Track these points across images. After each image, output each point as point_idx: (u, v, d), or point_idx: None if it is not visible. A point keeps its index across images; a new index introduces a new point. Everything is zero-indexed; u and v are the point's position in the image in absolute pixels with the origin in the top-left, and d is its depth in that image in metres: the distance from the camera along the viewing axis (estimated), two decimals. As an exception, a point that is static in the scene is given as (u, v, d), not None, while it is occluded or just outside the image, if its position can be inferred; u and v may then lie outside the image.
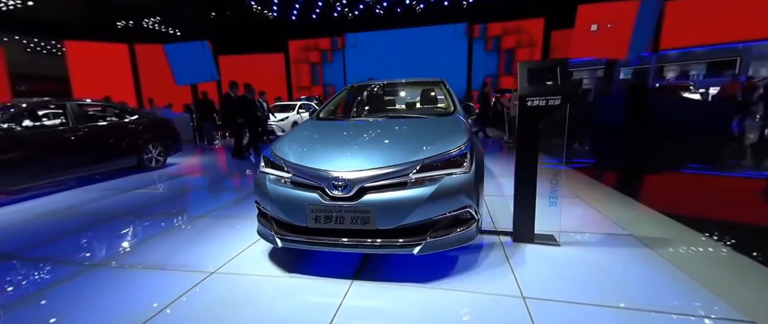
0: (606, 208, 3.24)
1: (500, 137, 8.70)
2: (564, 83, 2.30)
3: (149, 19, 18.89)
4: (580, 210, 3.25)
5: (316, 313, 1.78)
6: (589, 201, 3.49)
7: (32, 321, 1.81)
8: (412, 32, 20.52)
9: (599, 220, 2.96)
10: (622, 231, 2.70)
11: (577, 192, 3.81)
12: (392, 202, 1.91)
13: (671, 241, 2.50)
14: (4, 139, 4.16)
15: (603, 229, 2.76)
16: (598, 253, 2.35)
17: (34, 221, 3.52)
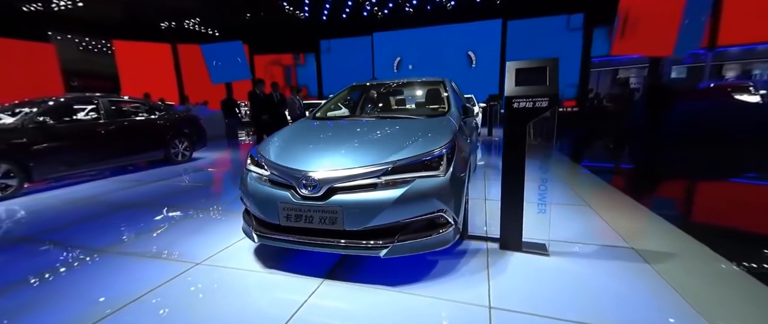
0: (613, 218, 3.03)
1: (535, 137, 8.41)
2: (551, 85, 2.17)
3: (190, 20, 19.98)
4: (584, 218, 3.06)
5: (277, 309, 1.81)
6: (598, 209, 3.28)
7: (28, 299, 1.98)
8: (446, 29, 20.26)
9: (602, 231, 2.77)
10: (624, 244, 2.51)
11: (587, 198, 3.59)
12: (359, 204, 1.90)
13: (677, 257, 2.30)
14: (42, 131, 4.58)
15: (603, 240, 2.59)
16: (590, 266, 2.20)
17: (61, 207, 3.86)
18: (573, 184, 4.20)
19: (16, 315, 1.83)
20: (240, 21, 19.63)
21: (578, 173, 5.05)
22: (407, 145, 2.13)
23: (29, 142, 4.44)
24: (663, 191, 4.36)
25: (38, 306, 1.90)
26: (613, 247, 2.46)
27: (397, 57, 20.47)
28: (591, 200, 3.55)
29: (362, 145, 2.24)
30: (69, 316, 1.79)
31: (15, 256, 2.61)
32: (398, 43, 20.40)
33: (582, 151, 7.56)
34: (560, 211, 3.26)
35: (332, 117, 3.26)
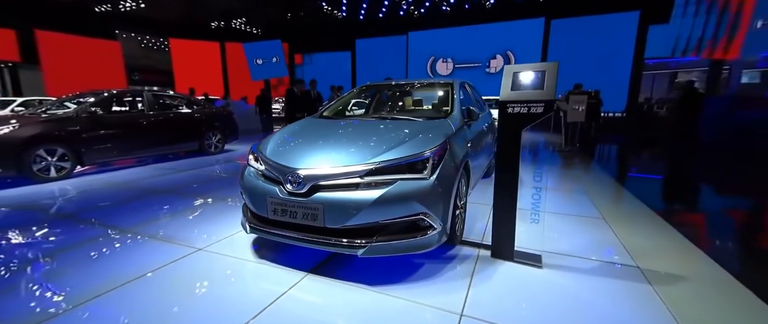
0: (627, 233, 2.82)
1: (559, 144, 7.98)
2: (548, 90, 2.07)
3: (237, 19, 21.14)
4: (593, 231, 2.88)
5: (257, 297, 1.90)
6: (612, 222, 3.07)
7: (50, 269, 2.25)
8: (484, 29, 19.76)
9: (610, 246, 2.59)
10: (630, 262, 2.34)
11: (604, 210, 3.37)
12: (339, 202, 1.95)
13: (688, 282, 2.10)
14: (92, 120, 5.10)
15: (607, 256, 2.42)
16: (583, 282, 2.08)
17: (102, 189, 4.29)
18: (594, 195, 3.95)
19: (30, 283, 2.08)
20: (282, 21, 20.44)
21: (604, 183, 4.73)
22: (394, 147, 2.14)
23: (81, 130, 4.98)
24: (693, 208, 3.97)
25: (54, 276, 2.15)
26: (616, 265, 2.30)
27: (431, 56, 20.27)
28: (608, 212, 3.33)
29: (350, 144, 2.28)
30: (80, 287, 2.01)
31: (56, 230, 2.95)
32: (433, 43, 20.19)
33: (618, 161, 7.06)
34: (569, 222, 3.09)
35: (337, 116, 3.32)
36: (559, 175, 5.14)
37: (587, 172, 5.42)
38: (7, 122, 4.46)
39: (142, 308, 1.82)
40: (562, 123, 7.74)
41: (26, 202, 3.77)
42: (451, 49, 20.10)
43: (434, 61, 20.60)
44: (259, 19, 20.70)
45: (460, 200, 2.53)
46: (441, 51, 20.35)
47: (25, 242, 2.71)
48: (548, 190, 4.23)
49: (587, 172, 5.49)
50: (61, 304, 1.85)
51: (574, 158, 6.63)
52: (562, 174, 5.22)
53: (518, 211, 2.28)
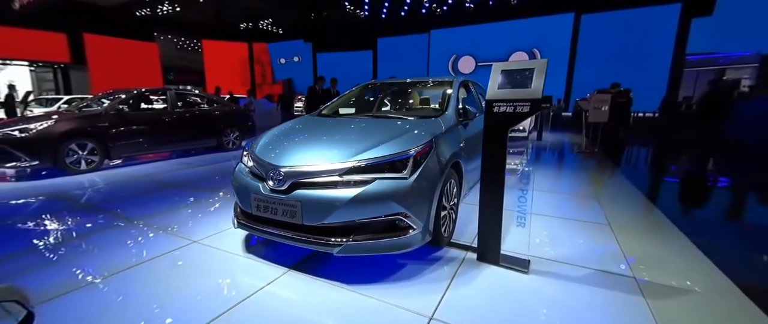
0: (632, 242, 2.66)
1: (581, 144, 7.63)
2: (535, 88, 1.99)
3: (264, 20, 21.79)
4: (595, 238, 2.74)
5: (236, 290, 1.97)
6: (618, 229, 2.90)
7: (56, 255, 2.43)
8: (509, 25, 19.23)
9: (609, 254, 2.46)
10: (626, 272, 2.20)
11: (612, 216, 3.19)
12: (316, 200, 1.97)
13: (686, 295, 1.96)
14: (119, 117, 5.44)
15: (603, 264, 2.30)
16: (570, 290, 1.99)
17: (123, 181, 4.57)
18: (605, 200, 3.75)
19: (33, 269, 2.26)
20: (306, 21, 20.85)
21: (620, 188, 4.48)
22: (376, 146, 2.13)
23: (109, 126, 5.32)
24: (710, 218, 3.67)
25: (60, 261, 2.32)
26: (611, 274, 2.18)
27: (453, 55, 19.95)
28: (616, 219, 3.15)
29: (335, 143, 2.29)
30: (78, 273, 2.16)
31: (74, 218, 3.18)
32: (455, 41, 19.87)
33: (641, 164, 6.65)
34: (570, 227, 2.96)
35: (335, 114, 3.35)
36: (572, 178, 4.93)
37: (604, 176, 5.15)
38: (44, 119, 4.85)
39: (133, 294, 1.93)
40: (582, 123, 7.40)
41: (58, 192, 4.08)
42: (474, 47, 19.71)
43: (456, 60, 20.28)
44: (285, 19, 21.24)
45: (449, 201, 2.48)
46: (463, 49, 19.99)
47: (47, 228, 2.94)
48: (556, 193, 4.07)
49: (605, 175, 5.22)
50: (67, 284, 1.99)
51: (593, 160, 6.32)
52: (576, 177, 5.00)
53: (514, 214, 2.21)
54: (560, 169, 5.67)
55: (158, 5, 19.33)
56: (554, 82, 18.74)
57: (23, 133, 4.54)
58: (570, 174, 5.24)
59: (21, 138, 4.52)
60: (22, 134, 4.53)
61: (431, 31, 20.59)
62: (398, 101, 3.81)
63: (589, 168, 5.66)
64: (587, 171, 5.40)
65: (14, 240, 2.72)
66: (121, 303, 1.86)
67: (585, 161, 6.24)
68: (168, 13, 20.34)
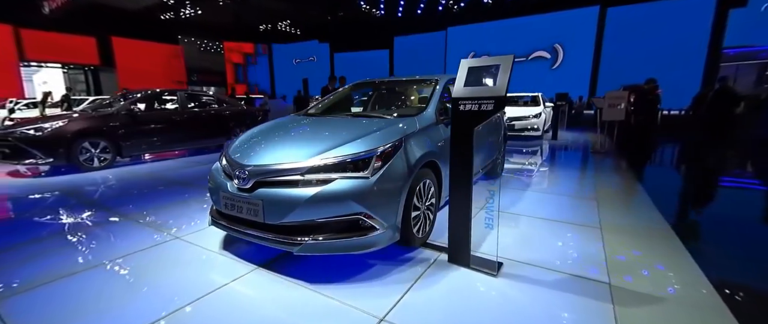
0: (620, 247, 2.52)
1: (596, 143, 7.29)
2: (499, 86, 1.92)
3: (282, 21, 22.20)
4: (581, 241, 2.61)
5: (200, 285, 2.00)
6: (608, 234, 2.76)
7: (48, 246, 2.56)
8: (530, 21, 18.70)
9: (590, 259, 2.34)
10: (603, 278, 2.09)
11: (606, 221, 3.04)
12: (276, 199, 1.98)
13: (659, 304, 1.83)
14: (131, 117, 5.68)
15: (579, 269, 2.19)
16: (536, 295, 1.91)
17: (129, 179, 4.78)
18: (605, 202, 3.58)
19: (25, 261, 2.39)
20: (323, 21, 21.09)
21: (625, 190, 4.26)
22: (340, 145, 2.12)
23: (121, 125, 5.57)
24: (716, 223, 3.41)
25: (49, 253, 2.45)
26: (584, 279, 2.07)
27: (471, 52, 19.60)
28: (610, 223, 2.99)
29: (303, 142, 2.30)
30: (63, 265, 2.28)
31: (79, 213, 3.35)
32: (473, 38, 19.54)
33: (655, 166, 6.29)
34: (557, 230, 2.84)
35: (321, 114, 3.35)
36: (576, 179, 4.73)
37: (613, 177, 4.91)
38: (59, 118, 5.14)
39: (100, 287, 2.01)
40: (597, 121, 7.08)
41: (69, 188, 4.32)
42: (492, 44, 19.32)
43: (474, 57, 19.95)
44: (302, 20, 21.57)
45: (423, 201, 2.44)
46: (481, 46, 19.64)
47: (44, 222, 3.12)
48: (554, 194, 3.92)
49: (614, 176, 4.98)
50: (47, 275, 2.10)
51: (607, 161, 6.05)
52: (581, 177, 4.80)
53: (501, 216, 2.13)
54: (566, 170, 5.46)
55: (181, 9, 20.08)
56: (578, 79, 18.11)
57: (38, 131, 4.83)
58: (575, 174, 5.03)
59: (36, 137, 4.81)
60: (37, 133, 4.82)
61: (448, 28, 20.37)
62: (386, 100, 3.77)
63: (599, 168, 5.42)
64: (596, 172, 5.17)
65: (12, 233, 2.90)
66: (86, 297, 1.94)
67: (598, 161, 5.98)
68: (191, 16, 21.09)
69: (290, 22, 22.08)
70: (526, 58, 19.45)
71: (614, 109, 6.58)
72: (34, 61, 18.22)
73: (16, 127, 4.94)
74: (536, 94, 10.02)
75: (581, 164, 5.83)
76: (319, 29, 21.04)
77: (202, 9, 20.10)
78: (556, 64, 19.21)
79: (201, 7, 19.91)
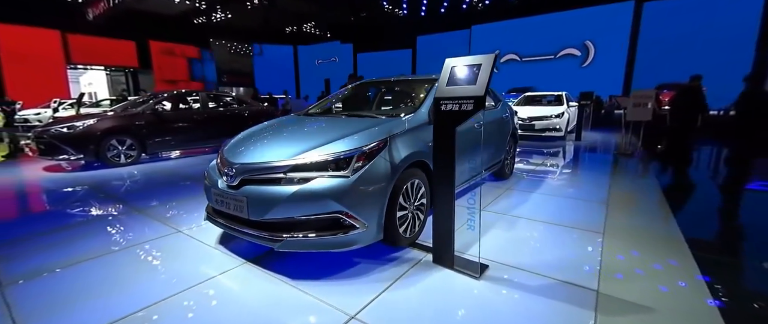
0: (621, 253, 2.39)
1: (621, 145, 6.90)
2: (479, 85, 1.87)
3: (307, 23, 22.67)
4: (579, 246, 2.50)
5: (189, 277, 2.10)
6: (610, 238, 2.62)
7: (56, 240, 2.77)
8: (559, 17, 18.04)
9: (584, 264, 2.23)
10: (591, 285, 1.99)
11: (613, 226, 2.89)
12: (260, 195, 2.04)
13: (645, 313, 1.73)
14: (155, 116, 6.02)
15: (569, 274, 2.10)
16: (516, 301, 1.85)
17: (150, 174, 5.06)
18: (615, 206, 3.41)
19: (41, 250, 2.60)
20: (346, 22, 21.33)
21: (642, 194, 4.02)
22: (324, 144, 2.15)
23: (146, 124, 5.92)
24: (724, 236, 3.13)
25: (62, 243, 2.65)
26: (572, 285, 1.98)
27: (496, 50, 19.14)
28: (615, 227, 2.85)
29: (289, 141, 2.35)
30: (75, 253, 2.46)
31: (97, 205, 3.60)
32: (498, 36, 19.08)
33: (684, 170, 5.88)
34: (557, 233, 2.73)
35: (314, 113, 3.40)
36: (590, 181, 4.52)
37: (631, 181, 4.66)
38: (89, 117, 5.53)
39: (104, 275, 2.16)
40: (622, 122, 6.73)
41: (97, 182, 4.64)
42: (518, 42, 18.80)
43: (498, 56, 19.46)
44: (326, 22, 21.92)
45: (411, 201, 2.42)
46: (506, 44, 19.16)
47: (75, 212, 3.37)
48: (562, 197, 3.77)
49: (632, 180, 4.72)
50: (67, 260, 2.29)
51: (630, 163, 5.73)
52: (596, 180, 4.57)
53: (501, 218, 2.09)
54: (583, 172, 5.22)
55: (213, 13, 20.96)
56: (610, 77, 17.26)
57: (70, 130, 5.22)
58: (591, 177, 4.81)
59: (68, 134, 5.20)
60: (69, 131, 5.21)
61: (472, 27, 20.02)
62: (390, 100, 3.77)
63: (620, 171, 5.15)
64: (615, 174, 4.91)
65: (34, 222, 3.16)
66: (90, 283, 2.08)
67: (620, 164, 5.68)
68: (222, 19, 21.96)
69: (315, 24, 22.51)
70: (554, 55, 18.76)
71: (640, 108, 6.22)
72: (80, 64, 19.67)
73: (51, 126, 5.36)
74: (560, 93, 9.65)
75: (601, 166, 5.56)
76: (343, 30, 21.32)
77: (232, 13, 20.87)
78: (587, 62, 18.39)
79: (231, 11, 20.68)
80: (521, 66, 19.44)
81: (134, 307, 1.80)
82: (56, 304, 1.86)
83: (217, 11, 20.44)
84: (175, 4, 18.49)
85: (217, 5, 19.60)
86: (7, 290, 2.01)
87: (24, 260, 2.38)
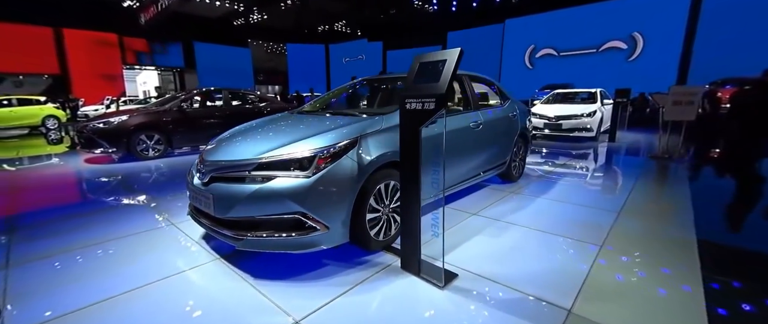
0: (609, 269, 2.16)
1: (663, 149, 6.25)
2: (442, 83, 1.75)
3: (338, 22, 22.98)
4: (567, 259, 2.29)
5: (162, 269, 2.17)
6: (607, 253, 2.38)
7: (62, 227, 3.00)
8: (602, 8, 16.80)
9: (565, 280, 2.03)
10: (565, 303, 1.80)
11: (618, 236, 2.62)
12: (223, 193, 2.07)
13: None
14: (181, 113, 6.37)
15: (545, 290, 1.92)
16: (475, 314, 1.72)
17: (172, 168, 5.37)
18: (627, 216, 3.09)
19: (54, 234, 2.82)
20: (377, 21, 21.34)
21: (667, 204, 3.61)
22: (290, 143, 2.13)
23: (172, 120, 6.28)
24: None
25: (67, 230, 2.87)
26: (544, 302, 1.81)
27: (531, 45, 18.23)
28: (619, 240, 2.58)
29: (262, 139, 2.34)
30: (76, 240, 2.65)
31: (113, 195, 3.88)
32: (534, 29, 18.12)
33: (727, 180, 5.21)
34: (548, 244, 2.52)
35: (306, 111, 3.39)
36: (609, 188, 4.15)
37: (657, 188, 4.21)
38: (122, 114, 5.97)
39: (99, 261, 2.30)
40: (659, 121, 6.11)
41: (124, 173, 5.01)
42: (556, 35, 17.73)
43: (534, 51, 18.54)
44: (357, 20, 22.07)
45: (385, 204, 2.35)
46: (543, 38, 18.16)
47: (89, 201, 3.66)
48: (568, 203, 3.48)
49: (658, 187, 4.27)
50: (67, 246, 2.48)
51: (666, 168, 5.20)
52: (616, 187, 4.19)
53: (493, 224, 1.96)
54: (605, 177, 4.81)
55: (250, 14, 21.89)
56: (661, 72, 15.81)
57: (106, 125, 5.67)
58: (611, 183, 4.41)
59: (104, 129, 5.65)
60: (104, 127, 5.66)
61: (506, 20, 19.20)
62: (379, 98, 3.69)
63: (647, 177, 4.68)
64: (639, 181, 4.47)
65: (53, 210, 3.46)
66: (74, 271, 2.23)
67: (652, 169, 5.16)
68: (258, 20, 22.88)
69: (345, 23, 22.77)
70: (597, 49, 17.51)
71: (680, 107, 5.60)
72: (136, 65, 21.41)
73: (90, 121, 5.85)
74: (594, 90, 8.99)
75: (628, 171, 5.08)
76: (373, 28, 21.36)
77: (268, 14, 21.68)
78: (634, 56, 16.96)
79: (267, 13, 21.49)
80: (559, 61, 18.33)
81: (94, 299, 1.87)
82: (39, 289, 2.00)
83: (254, 13, 21.31)
84: (216, 7, 19.52)
85: (254, 7, 20.42)
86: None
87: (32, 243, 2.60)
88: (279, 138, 2.26)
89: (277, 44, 25.46)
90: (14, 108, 11.01)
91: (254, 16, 22.43)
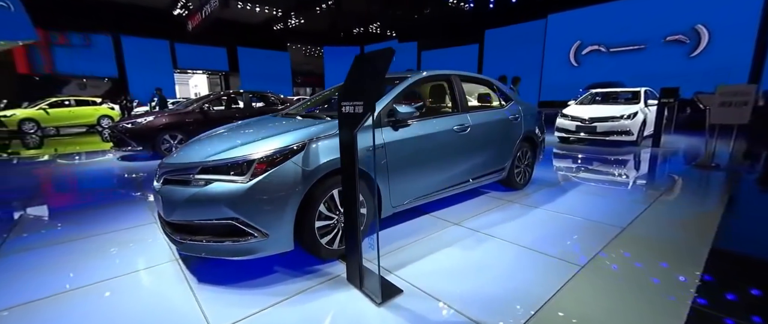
0: (580, 297, 1.87)
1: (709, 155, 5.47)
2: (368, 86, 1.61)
3: (373, 24, 23.11)
4: (537, 279, 2.02)
5: (121, 268, 2.25)
6: (586, 276, 2.07)
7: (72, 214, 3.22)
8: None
9: (522, 306, 1.78)
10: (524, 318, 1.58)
11: (606, 260, 2.29)
12: (167, 196, 2.08)
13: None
14: (202, 114, 6.72)
15: (490, 317, 1.69)
16: (401, 339, 1.56)
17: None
18: (633, 234, 2.70)
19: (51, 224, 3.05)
20: (411, 21, 21.14)
21: (690, 221, 3.10)
22: (236, 147, 2.10)
23: (194, 121, 6.64)
24: None
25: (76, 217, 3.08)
26: (484, 332, 1.60)
27: (577, 41, 16.98)
28: (605, 265, 2.24)
29: (214, 142, 2.32)
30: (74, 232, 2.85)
31: (108, 191, 4.16)
32: (580, 25, 16.87)
33: None
34: (525, 262, 2.26)
35: (288, 114, 3.35)
36: (625, 201, 3.67)
37: (687, 202, 3.65)
38: (149, 115, 6.41)
39: (71, 256, 2.44)
40: (706, 125, 5.34)
41: (142, 171, 5.37)
42: (605, 30, 16.36)
43: (580, 47, 17.25)
44: (391, 21, 22.04)
45: (340, 211, 2.24)
46: (590, 34, 16.85)
47: (99, 195, 3.95)
48: (570, 215, 3.12)
49: (689, 200, 3.70)
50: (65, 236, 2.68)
51: (705, 178, 4.53)
52: (635, 199, 3.70)
53: (472, 235, 1.82)
54: (627, 186, 4.28)
55: (289, 19, 22.74)
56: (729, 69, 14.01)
57: (133, 126, 6.12)
58: (633, 193, 3.91)
59: (132, 129, 6.10)
60: (132, 127, 6.11)
61: (549, 15, 18.10)
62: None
63: (679, 188, 4.10)
64: (668, 192, 3.92)
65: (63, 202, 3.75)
66: (47, 264, 2.37)
67: (689, 178, 4.52)
68: (296, 25, 23.70)
69: (380, 24, 22.83)
70: (653, 45, 15.89)
71: (730, 108, 4.85)
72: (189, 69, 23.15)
73: (120, 122, 6.35)
74: (638, 90, 8.14)
75: (660, 181, 4.49)
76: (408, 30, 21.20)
77: (305, 18, 22.37)
78: (697, 51, 15.18)
79: (304, 17, 22.18)
80: (607, 58, 16.90)
81: (39, 295, 1.96)
82: (12, 279, 2.15)
83: (292, 17, 22.10)
84: (257, 13, 20.50)
85: (292, 12, 21.16)
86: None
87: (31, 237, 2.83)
88: (232, 141, 2.24)
89: (315, 47, 26.19)
90: (73, 108, 12.33)
91: (292, 21, 23.26)
